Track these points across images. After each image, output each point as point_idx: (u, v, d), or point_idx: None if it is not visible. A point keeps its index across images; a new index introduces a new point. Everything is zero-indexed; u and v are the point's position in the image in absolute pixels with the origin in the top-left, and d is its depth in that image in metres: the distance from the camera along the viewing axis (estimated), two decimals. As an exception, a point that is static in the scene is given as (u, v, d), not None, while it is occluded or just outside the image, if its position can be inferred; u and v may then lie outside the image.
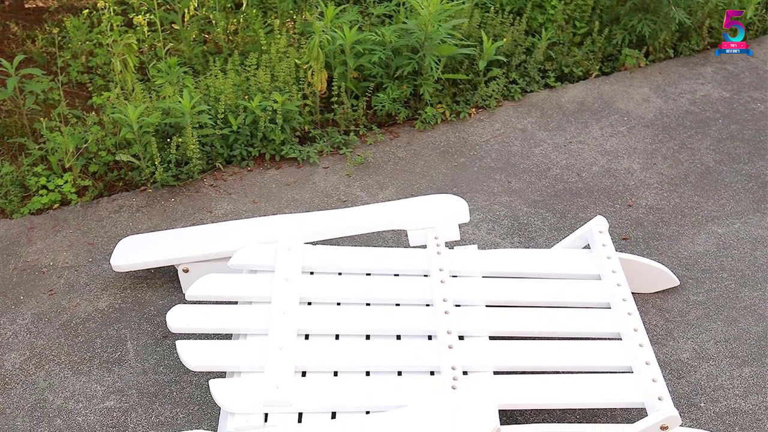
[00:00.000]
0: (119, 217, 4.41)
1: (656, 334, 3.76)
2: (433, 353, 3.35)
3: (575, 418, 3.41)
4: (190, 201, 4.51)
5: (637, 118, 5.08)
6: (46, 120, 4.73)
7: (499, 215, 4.40)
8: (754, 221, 4.33)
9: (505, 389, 3.22)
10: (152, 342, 3.76)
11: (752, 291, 3.94)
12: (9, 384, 3.60)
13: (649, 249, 4.18)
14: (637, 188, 4.56)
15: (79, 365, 3.67)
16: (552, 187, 4.59)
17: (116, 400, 3.53)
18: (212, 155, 4.73)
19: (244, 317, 3.48)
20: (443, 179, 4.66)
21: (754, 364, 3.62)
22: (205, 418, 3.45)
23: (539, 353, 3.37)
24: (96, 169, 4.64)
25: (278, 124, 4.69)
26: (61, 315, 3.90)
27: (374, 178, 4.67)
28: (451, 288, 3.60)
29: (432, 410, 3.09)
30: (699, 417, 3.41)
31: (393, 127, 5.07)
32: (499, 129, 5.02)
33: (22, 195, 4.55)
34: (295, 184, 4.61)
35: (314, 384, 3.24)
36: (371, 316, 3.51)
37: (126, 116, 4.40)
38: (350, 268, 3.73)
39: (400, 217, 3.91)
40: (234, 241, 3.85)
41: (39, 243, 4.27)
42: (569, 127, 5.02)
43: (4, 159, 4.67)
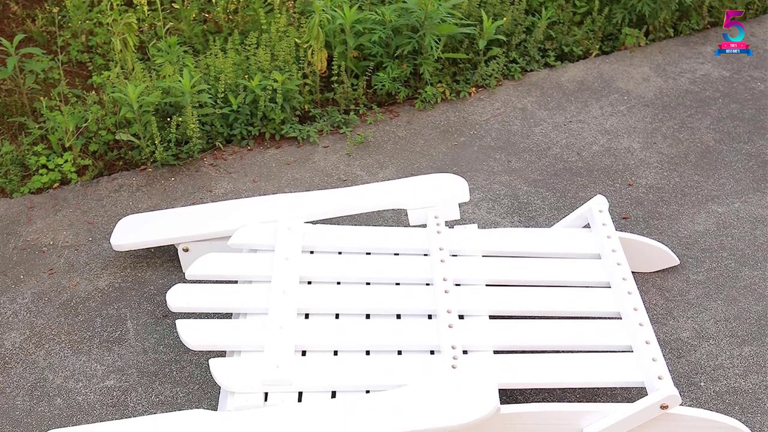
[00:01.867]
0: (119, 197, 4.37)
1: (656, 313, 3.72)
2: (433, 332, 3.32)
3: (575, 397, 3.38)
4: (190, 180, 4.47)
5: (637, 98, 5.04)
6: (46, 99, 4.69)
7: (499, 194, 4.36)
8: (754, 200, 4.29)
9: (505, 368, 3.19)
10: (152, 321, 3.73)
11: (752, 270, 3.91)
12: (9, 363, 3.57)
13: (649, 228, 4.14)
14: (637, 167, 4.52)
15: (79, 344, 3.64)
16: (552, 166, 4.55)
17: (116, 379, 3.50)
18: (212, 134, 4.69)
19: (244, 296, 3.45)
20: (443, 158, 4.62)
21: (754, 344, 3.58)
22: (205, 397, 3.43)
23: (539, 332, 3.34)
24: (96, 148, 4.60)
25: (278, 104, 4.65)
26: (61, 294, 3.86)
27: (374, 158, 4.63)
28: (451, 267, 3.57)
29: (432, 389, 3.06)
30: (699, 396, 3.38)
31: (393, 106, 5.03)
32: (499, 108, 4.98)
33: (22, 174, 4.51)
34: (295, 164, 4.58)
35: (314, 363, 3.21)
36: (371, 295, 3.48)
37: (126, 95, 4.36)
38: (350, 247, 3.70)
39: (400, 196, 3.88)
40: (234, 220, 3.81)
41: (39, 222, 4.24)
42: (569, 107, 4.98)
43: (4, 138, 4.64)
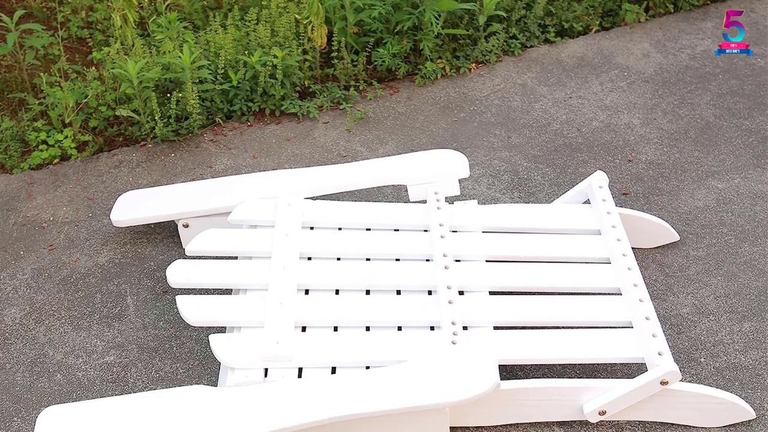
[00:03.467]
0: (119, 172, 4.33)
1: (656, 289, 3.69)
2: (433, 308, 3.29)
3: (575, 373, 3.35)
4: (190, 156, 4.43)
5: (637, 74, 4.99)
6: (46, 75, 4.64)
7: (499, 170, 4.32)
8: (754, 176, 4.25)
9: (505, 344, 3.16)
10: (152, 297, 3.70)
11: (752, 246, 3.87)
12: (9, 339, 3.54)
13: (649, 204, 4.10)
14: (637, 143, 4.48)
15: (79, 320, 3.61)
16: (552, 142, 4.51)
17: (116, 355, 3.47)
18: (212, 110, 4.65)
19: (244, 272, 3.42)
20: (443, 134, 4.58)
21: (754, 319, 3.55)
22: (205, 373, 3.39)
23: (539, 308, 3.31)
24: (96, 124, 4.56)
25: (278, 80, 4.61)
26: (61, 270, 3.83)
27: (374, 133, 4.59)
28: (451, 243, 3.53)
29: (432, 365, 3.04)
30: (699, 372, 3.35)
31: (393, 82, 4.98)
32: (499, 84, 4.93)
33: (22, 150, 4.47)
34: (295, 140, 4.54)
35: (314, 339, 3.18)
36: (371, 271, 3.45)
37: (126, 71, 4.31)
38: (350, 223, 3.66)
39: (400, 172, 3.84)
40: (234, 196, 3.78)
41: (39, 198, 4.20)
42: (569, 83, 4.93)
43: (4, 114, 4.59)
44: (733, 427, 3.15)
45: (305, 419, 2.89)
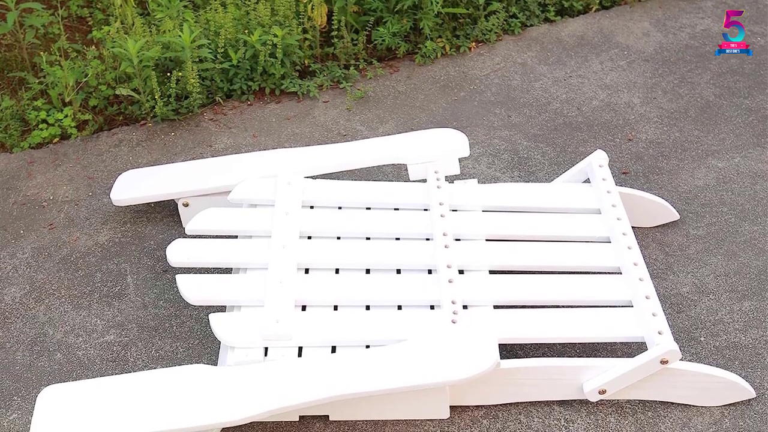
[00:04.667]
0: (119, 151, 4.30)
1: (656, 268, 3.65)
2: (433, 287, 3.26)
3: (575, 352, 3.32)
4: (190, 135, 4.39)
5: (637, 53, 4.94)
6: (46, 54, 4.59)
7: (499, 149, 4.28)
8: (754, 155, 4.21)
9: (505, 323, 3.14)
10: (152, 276, 3.67)
11: (752, 225, 3.83)
12: (9, 318, 3.51)
13: (649, 183, 4.07)
14: (637, 122, 4.44)
15: (79, 299, 3.58)
16: (552, 121, 4.46)
17: (116, 334, 3.44)
18: (212, 89, 4.61)
19: (244, 251, 3.39)
20: (443, 113, 4.54)
21: (754, 299, 3.52)
22: (205, 352, 3.36)
23: (539, 287, 3.28)
24: (96, 103, 4.52)
25: (278, 59, 4.56)
26: (61, 249, 3.80)
27: (374, 113, 4.55)
28: (451, 222, 3.50)
29: (432, 344, 3.01)
30: (699, 351, 3.32)
31: (393, 61, 4.94)
32: (499, 63, 4.88)
33: (22, 129, 4.43)
34: (295, 119, 4.50)
35: (314, 318, 3.15)
36: (371, 250, 3.41)
37: (126, 50, 4.27)
38: (350, 202, 3.63)
39: (400, 151, 3.81)
40: (234, 175, 3.74)
41: (39, 177, 4.16)
42: (569, 62, 4.89)
43: (4, 93, 4.55)
44: (733, 406, 3.12)
45: (305, 398, 2.87)
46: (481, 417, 3.10)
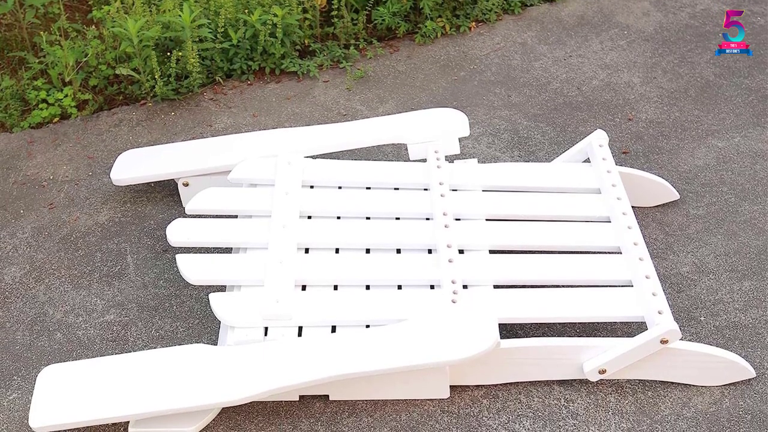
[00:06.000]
0: (119, 131, 4.26)
1: (656, 247, 3.62)
2: (433, 267, 3.23)
3: (575, 332, 3.29)
4: (190, 115, 4.35)
5: (637, 32, 4.89)
6: (46, 34, 4.55)
7: (499, 129, 4.24)
8: (754, 135, 4.16)
9: (505, 303, 3.10)
10: (152, 256, 3.63)
11: (752, 205, 3.80)
12: (9, 298, 3.48)
13: (649, 163, 4.03)
14: (637, 102, 4.39)
15: (79, 279, 3.54)
16: (552, 100, 4.42)
17: (116, 313, 3.41)
18: (212, 69, 4.57)
19: (244, 231, 3.35)
20: (443, 93, 4.49)
21: (754, 278, 3.48)
22: (205, 331, 3.33)
23: (539, 267, 3.25)
24: (96, 82, 4.48)
25: (278, 38, 4.52)
26: (61, 229, 3.76)
27: (374, 92, 4.51)
28: (451, 202, 3.46)
29: (432, 324, 2.98)
30: (699, 331, 3.29)
31: (393, 41, 4.89)
32: (499, 43, 4.84)
33: (22, 109, 4.40)
34: (295, 98, 4.46)
35: (314, 298, 3.12)
36: (371, 229, 3.38)
37: (126, 30, 4.23)
38: (350, 182, 3.59)
39: (400, 130, 3.77)
40: (234, 154, 3.71)
41: (39, 157, 4.12)
42: (569, 41, 4.84)
43: (5, 73, 4.51)
44: (733, 385, 3.09)
45: (305, 378, 2.85)
46: (481, 397, 3.08)
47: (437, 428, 2.98)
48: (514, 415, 3.02)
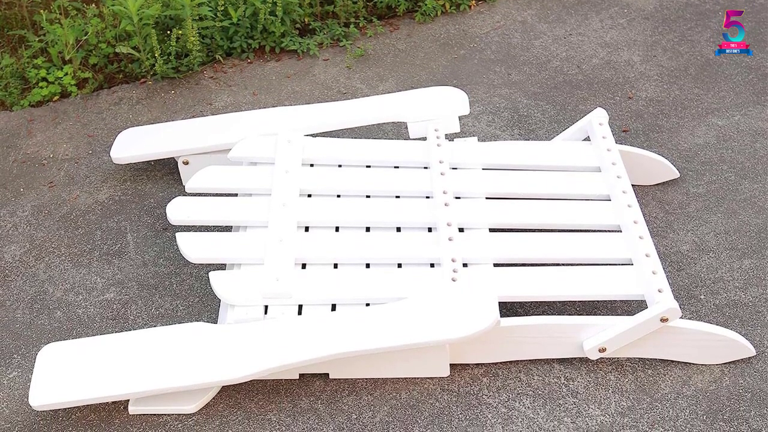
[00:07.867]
0: (119, 110, 4.22)
1: (656, 226, 3.58)
2: (433, 245, 3.19)
3: (575, 310, 3.26)
4: (190, 93, 4.31)
5: (637, 10, 4.84)
6: (46, 12, 4.50)
7: (499, 107, 4.20)
8: (754, 113, 4.12)
9: (505, 281, 3.07)
10: (152, 234, 3.60)
11: (752, 183, 3.76)
12: (9, 276, 3.44)
13: (649, 141, 3.98)
14: (637, 80, 4.35)
15: (79, 257, 3.51)
16: (552, 79, 4.38)
17: (116, 292, 3.37)
18: (212, 47, 4.53)
19: (244, 209, 3.32)
20: (443, 71, 4.45)
21: (754, 257, 3.45)
22: (205, 310, 3.30)
23: (539, 245, 3.21)
24: (96, 61, 4.44)
25: (278, 16, 4.47)
26: (61, 207, 3.72)
27: (374, 71, 4.46)
28: (451, 180, 3.43)
29: (432, 302, 2.95)
30: (699, 309, 3.25)
31: (393, 19, 4.84)
32: (499, 21, 4.79)
33: (22, 87, 4.36)
34: (295, 77, 4.41)
35: (314, 276, 3.09)
36: (371, 208, 3.35)
37: (126, 8, 4.19)
38: (350, 160, 3.56)
39: (400, 109, 3.73)
40: (234, 133, 3.67)
41: (39, 135, 4.08)
42: (569, 20, 4.79)
43: (4, 51, 4.47)
44: (732, 364, 3.06)
45: (305, 356, 2.82)
46: (481, 375, 3.05)
47: (437, 406, 2.95)
48: (514, 394, 2.99)
